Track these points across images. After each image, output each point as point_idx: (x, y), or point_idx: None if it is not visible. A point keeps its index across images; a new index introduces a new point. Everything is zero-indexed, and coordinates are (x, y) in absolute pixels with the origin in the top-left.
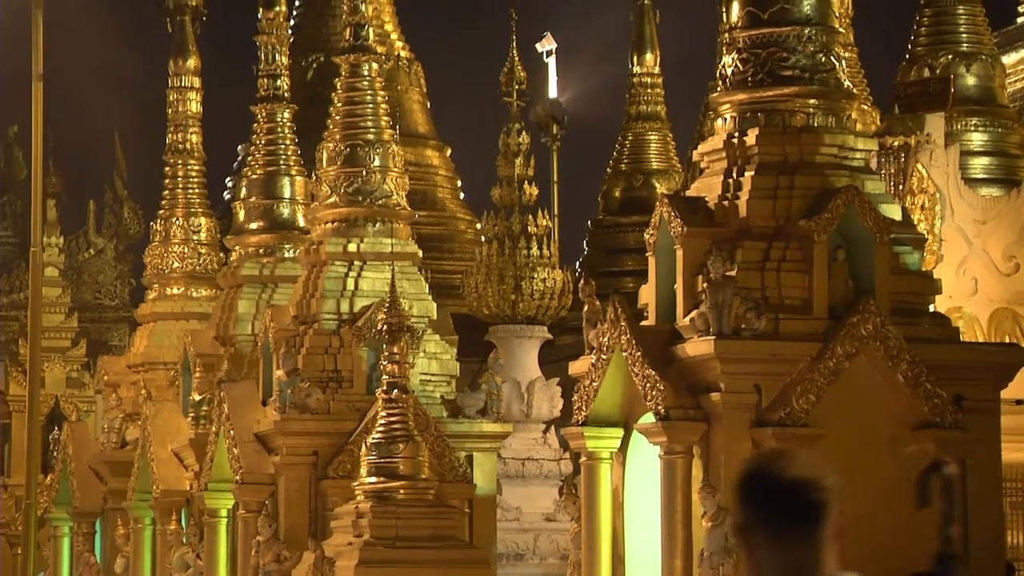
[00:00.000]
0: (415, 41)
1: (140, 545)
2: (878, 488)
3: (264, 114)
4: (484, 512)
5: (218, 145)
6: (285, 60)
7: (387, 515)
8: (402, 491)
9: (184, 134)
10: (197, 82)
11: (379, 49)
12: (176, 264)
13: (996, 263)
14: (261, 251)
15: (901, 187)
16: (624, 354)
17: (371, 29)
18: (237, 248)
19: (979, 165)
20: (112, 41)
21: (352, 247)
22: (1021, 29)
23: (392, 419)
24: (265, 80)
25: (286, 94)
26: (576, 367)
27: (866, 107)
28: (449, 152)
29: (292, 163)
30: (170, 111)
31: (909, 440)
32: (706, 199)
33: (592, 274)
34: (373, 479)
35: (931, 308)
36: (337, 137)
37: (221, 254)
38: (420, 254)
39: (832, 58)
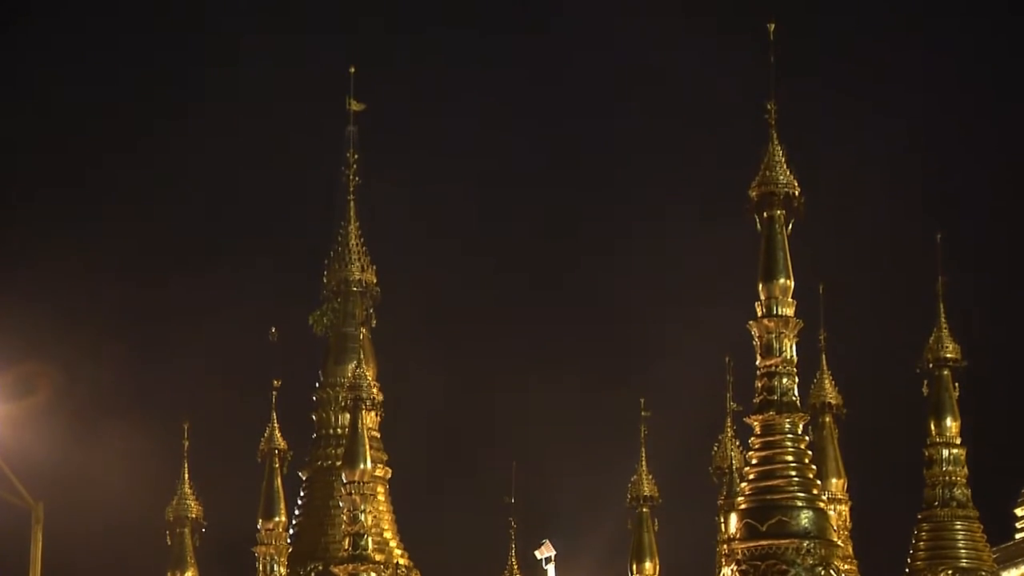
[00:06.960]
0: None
1: None
2: None
3: None
4: None
5: None
6: (283, 570)
7: None
8: None
9: None
10: None
11: (377, 557)
12: None
13: None
14: None
15: None
16: None
17: (370, 538)
18: None
19: None
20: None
21: None
22: (1020, 545)
23: None
24: None
25: None
26: None
27: None
28: None
29: None
30: None
31: None
32: None
33: None
34: None
35: None
36: None
37: None
38: None
39: (831, 571)
